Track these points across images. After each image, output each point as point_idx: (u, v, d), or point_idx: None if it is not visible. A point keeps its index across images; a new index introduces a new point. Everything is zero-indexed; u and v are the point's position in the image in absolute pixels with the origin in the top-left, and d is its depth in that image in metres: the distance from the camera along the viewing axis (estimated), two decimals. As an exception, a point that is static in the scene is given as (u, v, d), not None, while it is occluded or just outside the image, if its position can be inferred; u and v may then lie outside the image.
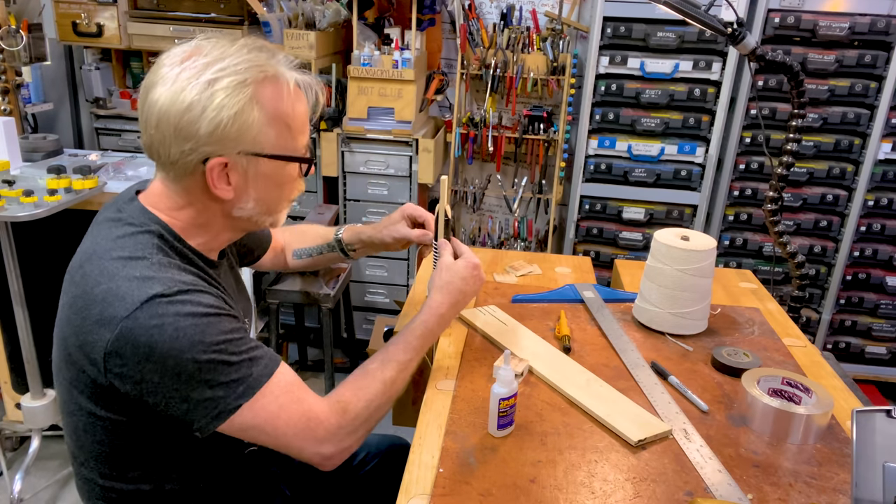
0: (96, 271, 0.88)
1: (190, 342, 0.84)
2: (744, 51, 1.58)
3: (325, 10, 2.73)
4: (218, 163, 0.90)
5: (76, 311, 0.88)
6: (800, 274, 1.84)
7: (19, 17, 2.52)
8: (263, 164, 0.93)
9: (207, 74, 0.87)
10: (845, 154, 2.64)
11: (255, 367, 0.90)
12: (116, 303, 0.84)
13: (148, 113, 0.89)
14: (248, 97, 0.88)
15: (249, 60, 0.89)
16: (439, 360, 1.26)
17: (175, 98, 0.86)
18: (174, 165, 0.91)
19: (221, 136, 0.88)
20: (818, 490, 0.96)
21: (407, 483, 0.95)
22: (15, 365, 2.24)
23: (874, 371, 2.90)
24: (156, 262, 0.89)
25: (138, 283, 0.85)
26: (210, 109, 0.86)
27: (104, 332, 0.84)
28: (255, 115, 0.89)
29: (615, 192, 2.81)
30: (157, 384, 0.85)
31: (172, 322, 0.83)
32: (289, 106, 0.93)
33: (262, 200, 0.97)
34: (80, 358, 0.88)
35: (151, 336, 0.83)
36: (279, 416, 0.90)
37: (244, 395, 0.88)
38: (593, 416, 1.10)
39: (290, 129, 0.94)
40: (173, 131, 0.87)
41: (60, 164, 1.98)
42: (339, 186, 2.85)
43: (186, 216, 0.96)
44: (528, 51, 2.78)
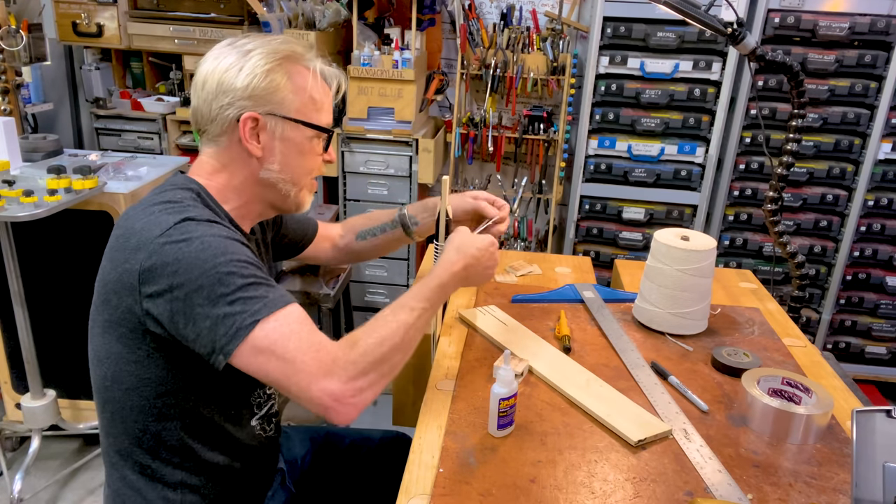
0: (138, 213, 0.98)
1: (214, 253, 0.91)
2: (744, 51, 1.58)
3: (325, 10, 2.73)
4: (250, 117, 1.01)
5: (117, 249, 0.96)
6: (800, 274, 1.84)
7: (19, 17, 2.52)
8: (289, 127, 1.04)
9: (247, 47, 1.03)
10: (845, 154, 2.64)
11: (273, 292, 0.94)
12: (153, 228, 0.93)
13: (197, 80, 1.04)
14: (278, 63, 1.02)
15: (284, 43, 1.05)
16: (439, 360, 1.26)
17: (219, 63, 1.02)
18: (213, 122, 1.03)
19: (254, 92, 1.01)
20: (818, 490, 0.97)
21: (407, 483, 0.95)
22: (15, 365, 2.24)
23: (874, 371, 2.90)
24: (190, 203, 0.99)
25: (172, 214, 0.95)
26: (246, 68, 1.01)
27: (140, 254, 0.92)
28: (283, 80, 1.02)
29: (615, 192, 2.81)
30: (183, 300, 0.90)
31: (199, 237, 0.92)
32: (313, 84, 1.06)
33: (286, 165, 1.06)
34: (117, 290, 0.95)
35: (180, 248, 0.91)
36: (290, 338, 0.91)
37: (260, 311, 0.91)
38: (593, 416, 1.10)
39: (314, 103, 1.06)
40: (216, 86, 1.01)
41: (60, 164, 1.98)
42: (339, 186, 2.85)
43: (222, 179, 1.06)
44: (528, 51, 2.78)
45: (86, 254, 2.11)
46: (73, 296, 2.14)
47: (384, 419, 1.72)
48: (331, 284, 2.54)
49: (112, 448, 1.06)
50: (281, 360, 0.91)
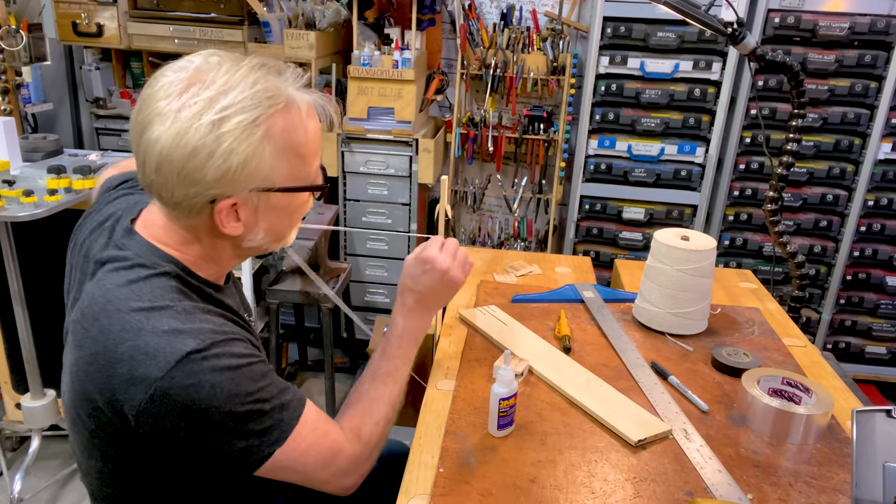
0: (117, 326, 0.82)
1: (227, 396, 0.81)
2: (744, 51, 1.58)
3: (325, 10, 2.73)
4: (227, 204, 0.84)
5: (99, 369, 0.83)
6: (800, 274, 1.84)
7: (19, 17, 2.52)
8: (275, 197, 0.88)
9: (212, 114, 0.79)
10: (845, 154, 2.64)
11: (286, 411, 0.89)
12: (148, 361, 0.79)
13: (146, 154, 0.81)
14: (260, 137, 0.81)
15: (258, 93, 0.81)
16: (439, 360, 1.26)
17: (178, 142, 0.79)
18: (178, 206, 0.85)
19: (231, 180, 0.82)
20: (818, 490, 0.97)
21: (407, 483, 0.95)
22: (15, 365, 2.24)
23: (874, 371, 2.90)
24: (181, 310, 0.84)
25: (168, 339, 0.80)
26: (217, 156, 0.79)
27: (136, 392, 0.80)
28: (267, 152, 0.83)
29: (615, 192, 2.81)
30: (193, 439, 0.83)
31: (209, 379, 0.80)
32: (301, 134, 0.86)
33: (272, 230, 0.92)
34: (107, 413, 0.84)
35: (189, 395, 0.80)
36: (308, 454, 0.91)
37: (278, 441, 0.87)
38: (593, 416, 1.10)
39: (303, 157, 0.88)
40: (176, 177, 0.81)
41: (60, 164, 1.98)
42: (339, 186, 2.85)
43: (195, 251, 0.91)
44: (528, 51, 2.78)
45: (86, 254, 2.11)
46: (73, 296, 2.13)
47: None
48: (331, 284, 2.54)
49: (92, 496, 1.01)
50: (300, 474, 0.92)
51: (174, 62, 0.85)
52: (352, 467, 0.97)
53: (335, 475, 0.95)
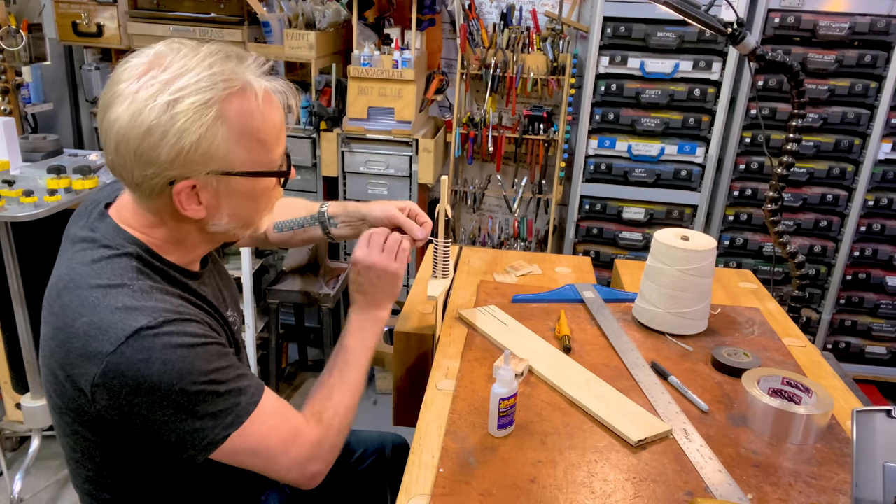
0: (76, 302, 0.85)
1: (178, 374, 0.82)
2: (744, 51, 1.58)
3: (325, 10, 2.73)
4: (185, 185, 0.85)
5: (59, 344, 0.85)
6: (800, 274, 1.84)
7: (19, 17, 2.52)
8: (235, 181, 0.88)
9: (167, 95, 0.80)
10: (845, 154, 2.64)
11: (243, 396, 0.89)
12: (100, 336, 0.81)
13: (107, 134, 0.84)
14: (213, 118, 0.82)
15: (214, 75, 0.83)
16: (439, 360, 1.26)
17: (133, 121, 0.81)
18: (139, 187, 0.86)
19: (185, 160, 0.83)
20: (818, 490, 0.96)
21: (407, 483, 0.95)
22: (15, 365, 2.24)
23: (874, 371, 2.90)
24: (137, 288, 0.86)
25: (121, 315, 0.82)
26: (171, 135, 0.81)
27: (90, 366, 0.82)
28: (221, 134, 0.83)
29: (615, 192, 2.81)
30: (146, 416, 0.84)
31: (160, 356, 0.81)
32: (259, 119, 0.87)
33: (236, 215, 0.93)
34: (68, 388, 0.87)
35: (139, 370, 0.81)
36: (269, 437, 0.91)
37: (232, 424, 0.87)
38: (593, 416, 1.10)
39: (263, 143, 0.89)
40: (133, 156, 0.82)
41: (60, 164, 1.98)
42: (339, 186, 2.85)
43: (161, 234, 0.93)
44: (528, 51, 2.78)
45: (86, 254, 2.11)
46: (73, 296, 2.13)
47: (384, 419, 1.72)
48: (331, 284, 2.54)
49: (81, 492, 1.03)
50: (260, 458, 0.91)
51: (141, 49, 0.88)
52: (315, 452, 0.96)
53: (298, 461, 0.94)
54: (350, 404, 1.05)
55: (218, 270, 1.15)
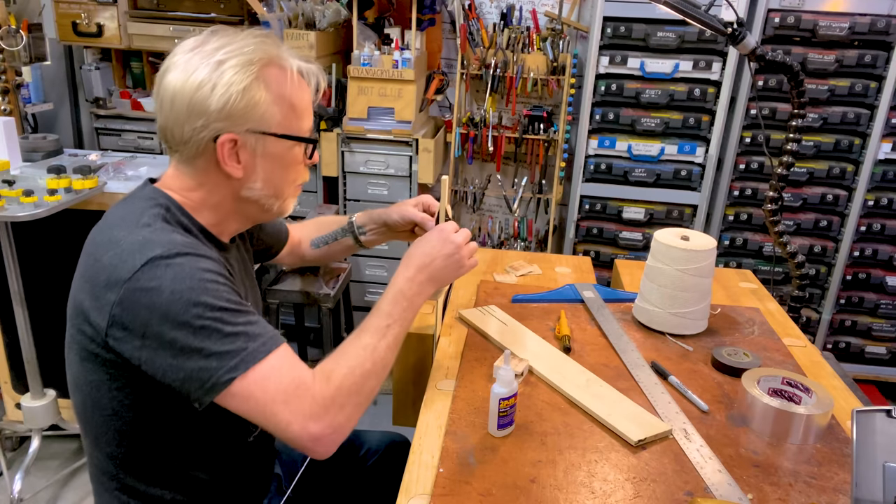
0: (105, 240, 0.92)
1: (185, 305, 0.85)
2: (744, 51, 1.58)
3: (325, 10, 2.73)
4: (228, 139, 0.94)
5: (87, 280, 0.92)
6: (800, 274, 1.84)
7: (19, 17, 2.52)
8: (271, 143, 0.97)
9: (217, 56, 0.93)
10: (845, 154, 2.64)
11: (252, 342, 0.88)
12: (120, 266, 0.87)
13: (163, 95, 0.94)
14: (255, 75, 0.93)
15: (255, 44, 0.95)
16: (439, 360, 1.26)
17: (187, 78, 0.92)
18: (186, 144, 0.95)
19: (231, 111, 0.93)
20: (818, 490, 0.97)
21: (407, 483, 0.95)
22: (15, 365, 2.24)
23: (874, 371, 2.90)
24: (158, 227, 0.93)
25: (139, 247, 0.89)
26: (220, 86, 0.92)
27: (110, 294, 0.87)
28: (262, 94, 0.94)
29: (615, 192, 2.81)
30: (155, 350, 0.86)
31: (169, 284, 0.86)
32: (292, 87, 0.98)
33: (269, 181, 1.00)
34: (90, 323, 0.91)
35: (150, 298, 0.85)
36: (268, 384, 0.88)
37: (237, 368, 0.86)
38: (593, 416, 1.10)
39: (295, 111, 0.99)
40: (186, 109, 0.92)
41: (60, 164, 1.98)
42: (339, 186, 2.85)
43: (198, 196, 1.00)
44: (528, 51, 2.78)
45: (86, 254, 2.11)
46: (73, 296, 2.14)
47: (384, 419, 1.72)
48: (331, 284, 2.54)
49: (98, 470, 1.03)
50: (258, 404, 0.88)
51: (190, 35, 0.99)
52: (318, 410, 0.90)
53: (298, 415, 0.89)
54: (368, 370, 0.96)
55: (245, 268, 1.16)
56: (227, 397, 0.88)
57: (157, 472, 1.01)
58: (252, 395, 0.88)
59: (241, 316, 0.90)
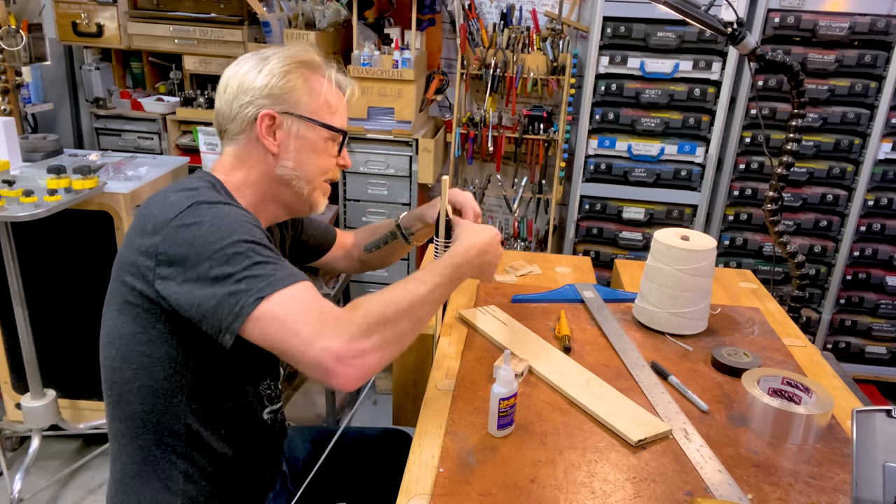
0: (157, 199, 1.02)
1: (222, 235, 0.94)
2: (744, 51, 1.58)
3: (325, 10, 2.73)
4: (267, 114, 1.07)
5: (135, 233, 1.00)
6: (800, 274, 1.84)
7: (19, 17, 2.52)
8: (304, 126, 1.10)
9: (266, 53, 1.11)
10: (845, 154, 2.64)
11: (281, 271, 0.94)
12: (167, 211, 0.97)
13: (220, 85, 1.11)
14: (294, 67, 1.09)
15: (299, 51, 1.12)
16: (439, 360, 1.26)
17: (240, 67, 1.11)
18: (233, 121, 1.09)
19: (272, 91, 1.07)
20: (818, 490, 0.97)
21: (407, 483, 0.95)
22: (15, 365, 2.24)
23: (874, 371, 2.90)
24: (205, 190, 1.03)
25: (186, 197, 0.99)
26: (264, 70, 1.08)
27: (155, 238, 0.96)
28: (299, 82, 1.09)
29: (615, 192, 2.81)
30: (194, 281, 0.93)
31: (210, 219, 0.95)
32: (327, 88, 1.12)
33: (300, 162, 1.11)
34: (133, 272, 0.98)
35: (191, 231, 0.94)
36: (291, 304, 0.90)
37: (264, 289, 0.91)
38: (593, 416, 1.10)
39: (329, 106, 1.12)
40: (236, 87, 1.09)
41: (60, 164, 1.97)
42: (339, 186, 2.85)
43: (239, 176, 1.11)
44: (528, 51, 2.78)
45: (86, 254, 2.11)
46: (73, 296, 2.14)
47: (384, 419, 1.72)
48: (331, 284, 2.54)
49: (118, 431, 1.07)
50: (281, 324, 0.89)
51: None
52: (342, 330, 0.89)
53: (320, 334, 0.89)
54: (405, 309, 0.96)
55: None
56: (252, 322, 0.90)
57: (176, 439, 1.05)
58: (276, 316, 0.90)
59: (272, 253, 0.97)
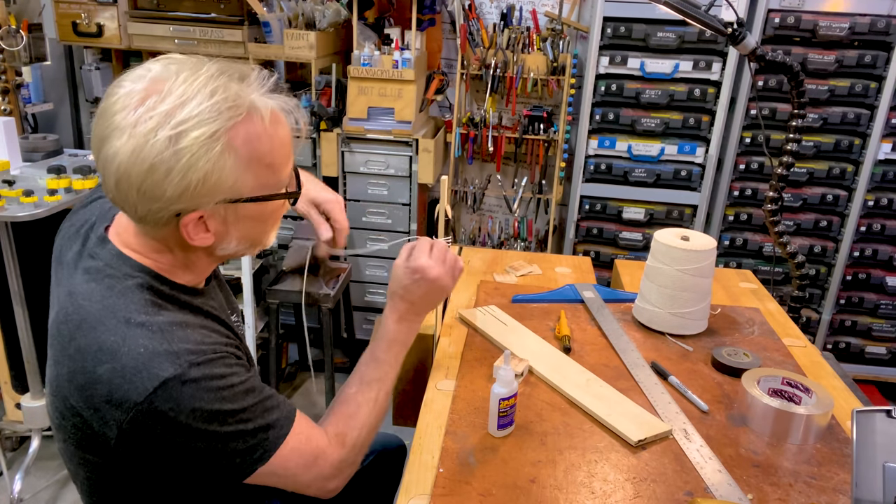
0: (94, 346, 0.82)
1: (207, 420, 0.82)
2: (744, 51, 1.58)
3: (325, 10, 2.73)
4: (193, 217, 0.82)
5: (79, 388, 0.82)
6: (800, 274, 1.84)
7: (19, 17, 2.52)
8: (244, 207, 0.85)
9: (168, 129, 0.76)
10: (845, 154, 2.64)
11: (272, 430, 0.90)
12: (126, 385, 0.79)
13: (105, 169, 0.79)
14: (219, 151, 0.78)
15: (217, 103, 0.78)
16: (439, 360, 1.26)
17: (134, 158, 0.76)
18: (144, 220, 0.83)
19: (192, 195, 0.79)
20: (818, 490, 0.97)
21: (407, 483, 0.95)
22: (15, 365, 2.24)
23: (874, 371, 2.89)
24: (157, 328, 0.83)
25: (145, 362, 0.80)
26: (175, 172, 0.77)
27: (117, 413, 0.80)
28: (229, 165, 0.80)
29: (615, 192, 2.81)
30: (175, 456, 0.85)
31: (188, 404, 0.80)
32: (266, 143, 0.83)
33: (245, 238, 0.91)
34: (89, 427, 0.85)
35: (169, 418, 0.80)
36: (290, 459, 0.92)
37: (261, 459, 0.89)
38: (593, 416, 1.10)
39: (271, 166, 0.85)
40: (136, 193, 0.78)
41: (60, 164, 1.98)
42: (339, 186, 2.85)
43: (168, 260, 0.90)
44: (528, 51, 2.78)
45: (86, 254, 2.11)
46: (73, 296, 2.13)
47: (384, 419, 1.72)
48: (331, 284, 2.54)
49: None
50: (281, 478, 0.93)
51: (133, 70, 0.82)
52: (335, 472, 0.98)
53: (317, 479, 0.96)
54: (375, 424, 1.04)
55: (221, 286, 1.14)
56: (251, 478, 0.91)
57: None
58: (275, 473, 0.92)
59: (258, 408, 0.88)
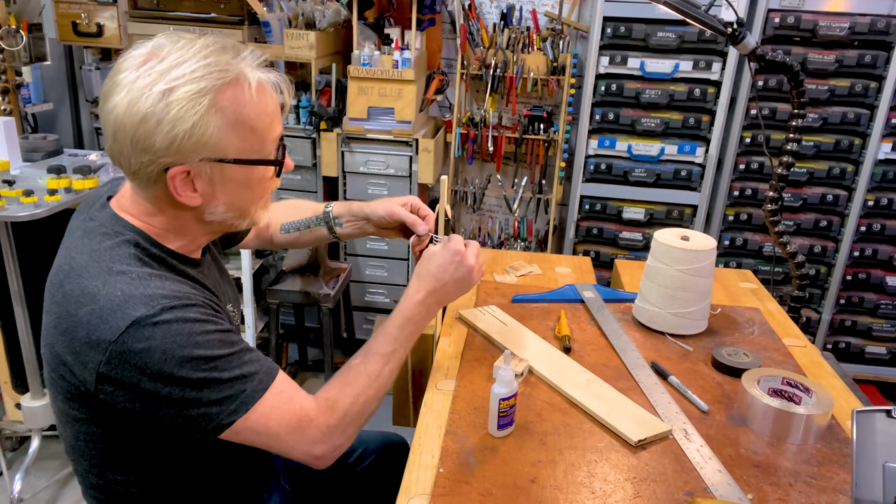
0: (77, 291, 0.86)
1: (178, 363, 0.83)
2: (744, 51, 1.58)
3: (325, 10, 2.73)
4: (179, 171, 0.87)
5: (63, 332, 0.87)
6: (800, 274, 1.84)
7: (19, 17, 2.52)
8: (229, 169, 0.90)
9: (162, 84, 0.83)
10: (845, 154, 2.64)
11: (249, 382, 0.89)
12: (102, 326, 0.83)
13: (106, 122, 0.87)
14: (206, 106, 0.85)
15: (209, 65, 0.85)
16: (439, 360, 1.26)
17: (130, 108, 0.84)
18: (136, 175, 0.89)
19: (179, 148, 0.85)
20: (818, 490, 0.97)
21: (407, 483, 0.95)
22: (15, 365, 2.24)
23: (874, 371, 2.90)
24: (135, 276, 0.87)
25: (120, 303, 0.84)
26: (165, 122, 0.83)
27: (94, 354, 0.84)
28: (215, 123, 0.86)
29: (615, 192, 2.81)
30: (150, 403, 0.85)
31: (159, 345, 0.83)
32: (251, 108, 0.89)
33: (232, 204, 0.94)
34: (73, 375, 0.88)
35: (141, 359, 0.83)
36: (271, 417, 0.91)
37: (237, 411, 0.88)
38: (593, 416, 1.10)
39: (255, 132, 0.90)
40: (130, 143, 0.85)
41: (60, 164, 1.98)
42: (339, 186, 2.85)
43: (160, 222, 0.94)
44: (528, 51, 2.78)
45: (86, 254, 2.11)
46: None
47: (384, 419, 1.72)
48: (331, 284, 2.54)
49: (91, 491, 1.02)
50: (262, 435, 0.91)
51: (142, 41, 0.90)
52: (322, 436, 0.95)
53: (302, 442, 0.94)
54: (372, 398, 1.01)
55: (218, 267, 1.15)
56: (230, 434, 0.90)
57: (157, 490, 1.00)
58: (255, 431, 0.90)
59: (234, 358, 0.89)
